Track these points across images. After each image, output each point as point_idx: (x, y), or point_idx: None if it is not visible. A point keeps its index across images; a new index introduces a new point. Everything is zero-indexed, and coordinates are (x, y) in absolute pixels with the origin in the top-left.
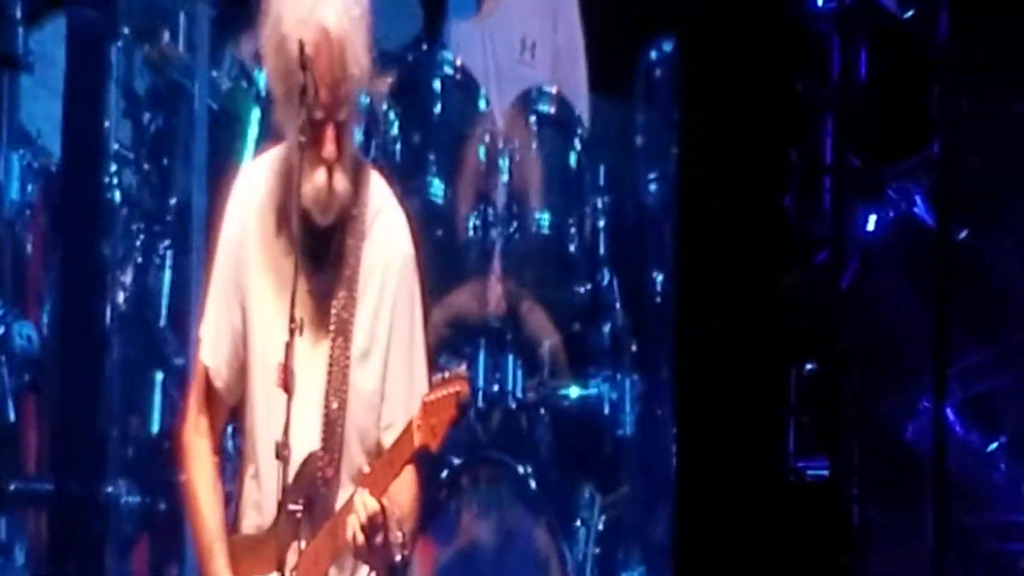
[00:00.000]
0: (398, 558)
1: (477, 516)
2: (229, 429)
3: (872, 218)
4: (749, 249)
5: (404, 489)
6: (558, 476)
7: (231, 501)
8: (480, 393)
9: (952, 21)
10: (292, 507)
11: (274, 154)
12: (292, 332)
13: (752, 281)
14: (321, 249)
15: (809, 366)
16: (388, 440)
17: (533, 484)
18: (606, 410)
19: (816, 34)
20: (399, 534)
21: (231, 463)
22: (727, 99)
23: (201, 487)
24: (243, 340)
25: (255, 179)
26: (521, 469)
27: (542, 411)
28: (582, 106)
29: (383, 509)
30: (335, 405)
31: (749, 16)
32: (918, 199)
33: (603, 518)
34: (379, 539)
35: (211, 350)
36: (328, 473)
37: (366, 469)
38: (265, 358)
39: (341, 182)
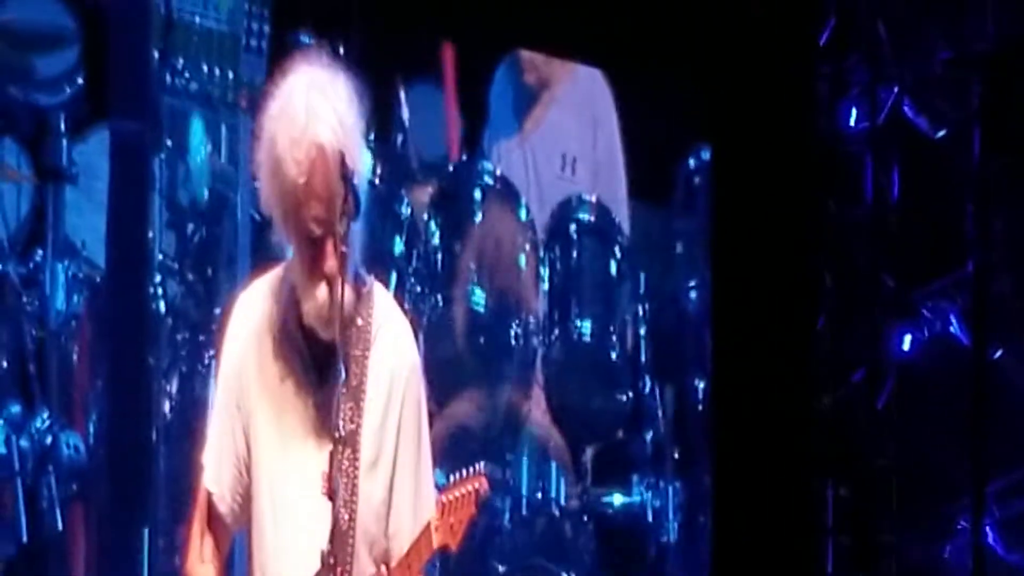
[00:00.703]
0: None
1: None
2: None
3: (907, 338)
4: (785, 370)
5: None
6: None
7: None
8: (524, 500)
9: (984, 140)
10: None
11: (269, 277)
12: (336, 442)
13: (789, 402)
14: (325, 363)
15: (846, 487)
16: (395, 548)
17: None
18: (649, 517)
19: (849, 154)
20: None
21: None
22: (761, 218)
23: None
24: (246, 466)
25: (252, 304)
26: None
27: (585, 518)
28: (622, 215)
29: None
30: (345, 516)
31: (783, 136)
32: (953, 318)
33: None
34: None
35: (215, 476)
36: None
37: (384, 573)
38: (271, 480)
39: (343, 295)
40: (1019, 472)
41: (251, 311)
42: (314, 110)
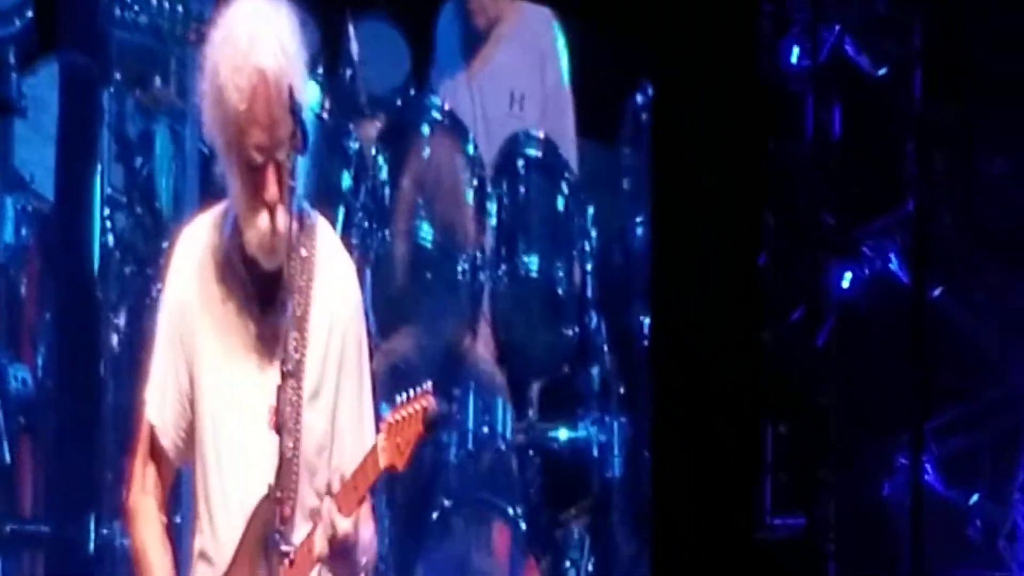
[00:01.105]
0: None
1: (468, 557)
2: None
3: (848, 276)
4: (725, 307)
5: (362, 524)
6: (548, 517)
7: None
8: (470, 435)
9: (925, 79)
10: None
11: (213, 211)
12: (284, 376)
13: (728, 339)
14: (269, 293)
15: (785, 424)
16: (337, 478)
17: (523, 525)
18: (595, 452)
19: (790, 92)
20: (363, 560)
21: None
22: (701, 156)
23: (151, 546)
24: (189, 400)
25: (194, 238)
26: (511, 510)
27: (531, 453)
28: (570, 152)
29: (355, 529)
30: (289, 444)
31: (725, 73)
32: (893, 256)
33: (592, 559)
34: (347, 554)
35: (158, 410)
36: (285, 511)
37: (336, 487)
38: (214, 412)
39: (285, 223)
40: (958, 409)
41: (194, 244)
42: (256, 37)
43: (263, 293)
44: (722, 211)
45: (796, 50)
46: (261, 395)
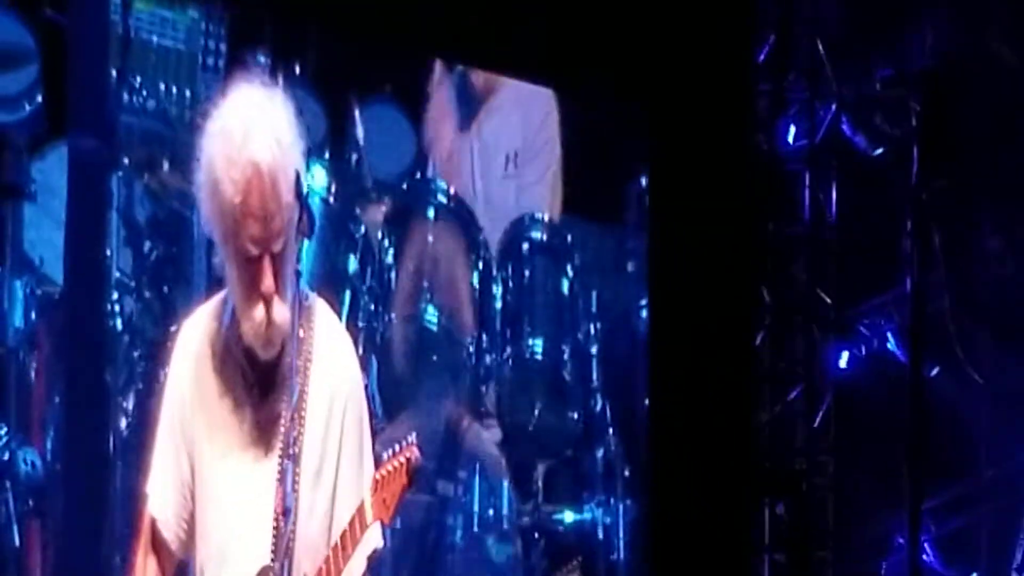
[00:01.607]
0: None
1: None
2: None
3: (844, 355)
4: (723, 388)
5: None
6: None
7: None
8: (475, 518)
9: (922, 158)
10: None
11: (213, 300)
12: (284, 457)
13: (726, 420)
14: (268, 379)
15: (782, 504)
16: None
17: None
18: (600, 535)
19: (787, 172)
20: None
21: None
22: (700, 236)
23: None
24: (191, 491)
25: (194, 329)
26: None
27: (536, 535)
28: (555, 210)
29: None
30: (290, 524)
31: (723, 154)
32: (890, 336)
33: None
34: None
35: (160, 503)
36: None
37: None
38: (217, 498)
39: (281, 314)
40: (955, 489)
41: (194, 336)
42: (251, 130)
43: (262, 380)
44: (720, 292)
45: (793, 129)
46: (262, 482)
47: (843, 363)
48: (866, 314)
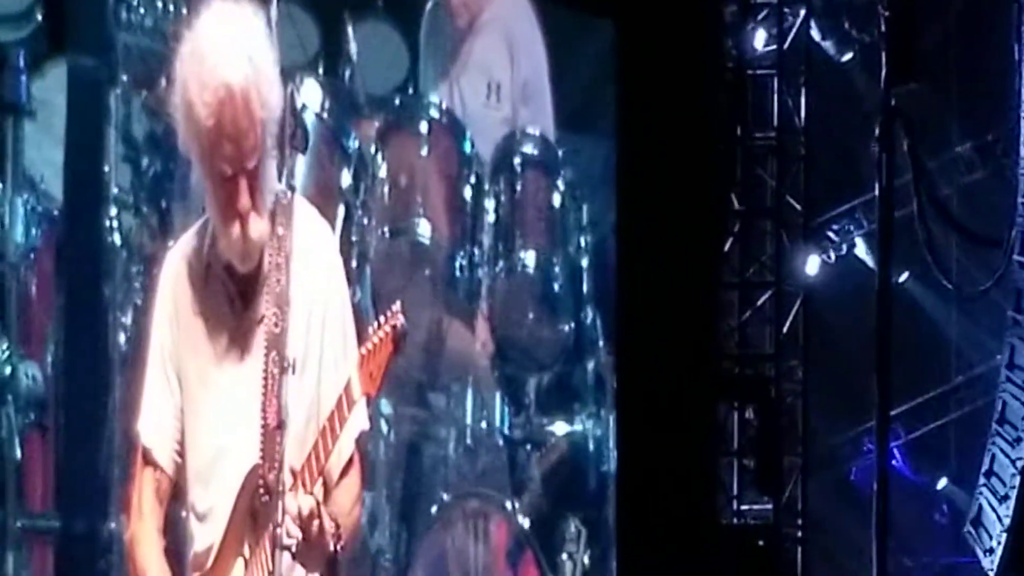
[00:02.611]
0: (332, 549)
1: (466, 551)
2: None
3: (813, 260)
4: (691, 294)
5: (347, 488)
6: (545, 511)
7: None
8: (468, 431)
9: (891, 64)
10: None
11: (194, 226)
12: (284, 370)
13: (695, 325)
14: (249, 290)
15: (751, 410)
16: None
17: (521, 518)
18: (591, 446)
19: (756, 78)
20: (332, 524)
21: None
22: (670, 143)
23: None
24: (181, 410)
25: (178, 254)
26: (509, 504)
27: (528, 447)
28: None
29: (317, 504)
30: (271, 415)
31: (692, 60)
32: (859, 241)
33: (588, 552)
34: (315, 533)
35: (153, 429)
36: (269, 481)
37: (289, 481)
38: (206, 402)
39: (258, 228)
40: (924, 394)
41: (176, 258)
42: (221, 49)
43: (242, 292)
44: (689, 198)
45: (761, 35)
46: (246, 386)
47: (812, 269)
48: (835, 220)
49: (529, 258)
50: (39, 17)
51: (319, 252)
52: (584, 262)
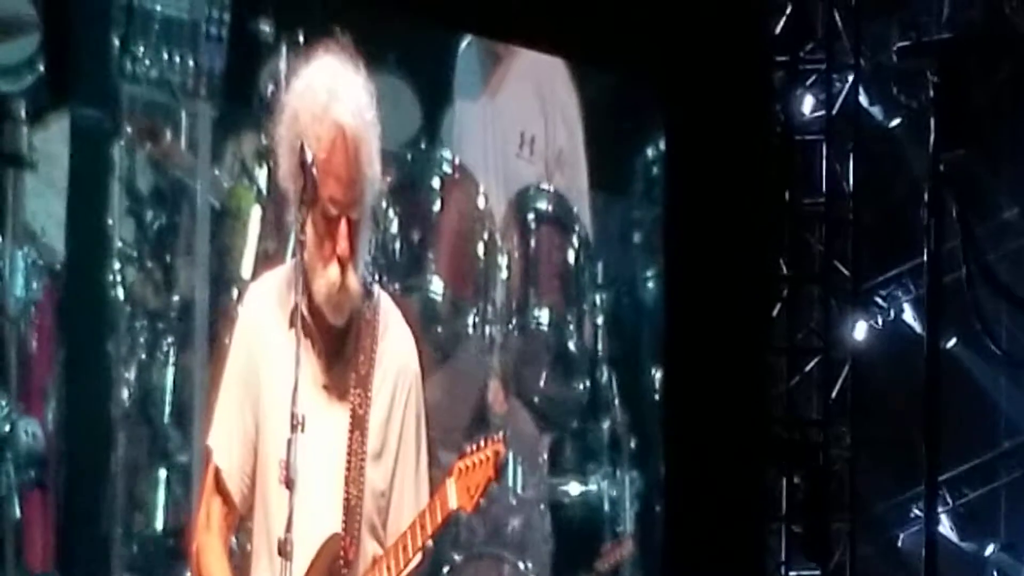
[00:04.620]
0: None
1: None
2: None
3: (861, 326)
4: (741, 359)
5: None
6: (559, 572)
7: None
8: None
9: (939, 129)
10: None
11: (284, 265)
12: (294, 428)
13: (744, 390)
14: (335, 347)
15: (799, 475)
16: (390, 541)
17: None
18: (606, 507)
19: (805, 143)
20: None
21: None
22: (718, 207)
23: None
24: (254, 446)
25: (264, 289)
26: (522, 565)
27: (542, 507)
28: (583, 205)
29: None
30: (354, 492)
31: (740, 125)
32: (907, 307)
33: None
34: None
35: (225, 455)
36: (350, 555)
37: (380, 551)
38: (280, 453)
39: (354, 281)
40: (973, 460)
41: (262, 296)
42: (337, 92)
43: (329, 348)
44: (737, 263)
45: (810, 100)
46: (324, 444)
47: (860, 334)
48: (883, 285)
49: (543, 316)
50: (41, 68)
51: (404, 349)
52: (599, 320)
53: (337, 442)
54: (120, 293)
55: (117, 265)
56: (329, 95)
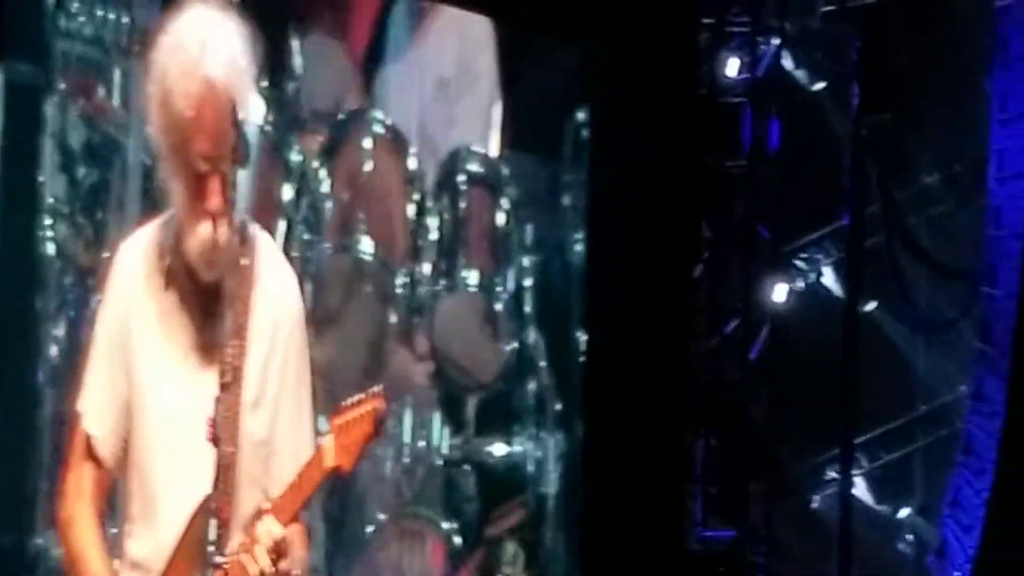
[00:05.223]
0: None
1: (402, 571)
2: None
3: (781, 289)
4: (661, 320)
5: (295, 539)
6: (483, 532)
7: None
8: (406, 449)
9: (862, 94)
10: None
11: (155, 222)
12: (223, 385)
13: (662, 352)
14: (209, 303)
15: (716, 437)
16: (276, 487)
17: (458, 540)
18: (530, 468)
19: (728, 106)
20: (297, 573)
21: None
22: (640, 169)
23: (90, 553)
24: (128, 409)
25: (135, 249)
26: (446, 525)
27: (467, 468)
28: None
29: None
30: (229, 450)
31: (663, 86)
32: (827, 270)
33: (526, 574)
34: (283, 567)
35: (96, 420)
36: (225, 515)
37: (266, 504)
38: (154, 418)
39: (227, 235)
40: (889, 423)
41: (134, 255)
42: (208, 45)
43: (203, 303)
44: (659, 224)
45: (734, 63)
46: (200, 404)
47: (780, 297)
48: (803, 248)
49: (472, 277)
50: None
51: (283, 292)
52: (527, 282)
53: (213, 399)
54: (50, 249)
55: (48, 221)
56: (201, 49)
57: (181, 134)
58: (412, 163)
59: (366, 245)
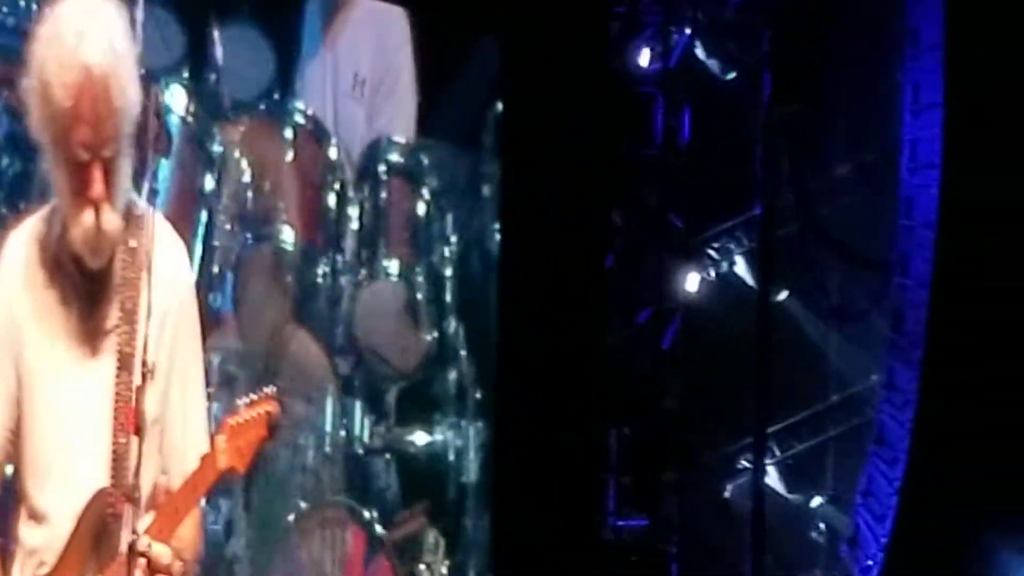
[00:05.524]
0: None
1: (323, 560)
2: None
3: (693, 278)
4: (572, 310)
5: (188, 524)
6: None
7: None
8: (327, 438)
9: (774, 85)
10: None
11: (40, 212)
12: (144, 376)
13: (575, 342)
14: (97, 290)
15: (629, 426)
16: (171, 465)
17: (379, 528)
18: (451, 457)
19: (640, 95)
20: (179, 564)
21: None
22: (552, 159)
23: None
24: (17, 400)
25: (21, 239)
26: (367, 513)
27: (388, 456)
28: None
29: (171, 554)
30: (123, 440)
31: (576, 76)
32: (739, 259)
33: (447, 563)
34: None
35: None
36: (118, 508)
37: (149, 516)
38: (44, 407)
39: (111, 221)
40: (801, 413)
41: (20, 244)
42: (84, 34)
43: (92, 290)
44: (571, 214)
45: (647, 53)
46: (90, 392)
47: (692, 286)
48: (715, 237)
49: (392, 266)
50: None
51: (172, 274)
52: (448, 272)
53: (105, 389)
54: None
55: None
56: (77, 38)
57: (61, 124)
58: (333, 153)
59: (287, 235)
